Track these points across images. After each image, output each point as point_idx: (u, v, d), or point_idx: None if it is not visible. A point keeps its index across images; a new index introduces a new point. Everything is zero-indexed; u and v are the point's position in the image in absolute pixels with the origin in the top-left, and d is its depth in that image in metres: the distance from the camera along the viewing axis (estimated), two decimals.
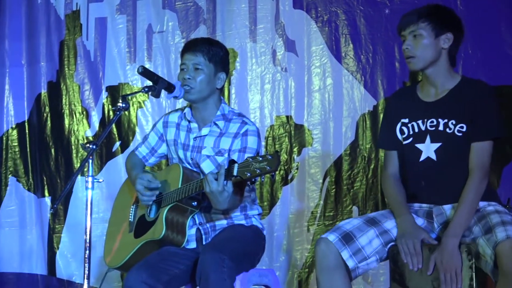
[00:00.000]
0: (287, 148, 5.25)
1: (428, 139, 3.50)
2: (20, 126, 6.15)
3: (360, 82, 5.07)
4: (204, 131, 3.87)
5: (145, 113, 5.75)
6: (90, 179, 3.55)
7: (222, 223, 3.84)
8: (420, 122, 3.53)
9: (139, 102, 5.77)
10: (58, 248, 5.92)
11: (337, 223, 4.91)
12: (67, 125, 5.99)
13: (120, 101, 3.63)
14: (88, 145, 3.51)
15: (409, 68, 3.54)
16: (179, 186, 3.73)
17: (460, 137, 3.43)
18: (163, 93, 3.83)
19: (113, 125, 5.60)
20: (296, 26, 5.28)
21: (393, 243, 3.44)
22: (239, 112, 3.96)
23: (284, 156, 5.24)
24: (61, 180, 5.96)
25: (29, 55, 6.14)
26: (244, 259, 3.71)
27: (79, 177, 5.64)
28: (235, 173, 3.39)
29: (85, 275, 3.51)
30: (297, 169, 5.22)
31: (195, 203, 3.76)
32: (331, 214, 5.09)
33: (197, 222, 3.84)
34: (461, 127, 3.43)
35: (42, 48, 6.09)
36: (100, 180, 3.67)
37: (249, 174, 3.34)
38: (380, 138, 3.79)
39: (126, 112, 5.68)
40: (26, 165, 6.10)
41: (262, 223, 4.00)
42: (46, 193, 6.00)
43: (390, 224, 3.48)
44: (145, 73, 3.78)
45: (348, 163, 5.08)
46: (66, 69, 6.02)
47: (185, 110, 3.96)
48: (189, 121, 3.93)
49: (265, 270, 4.01)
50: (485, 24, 4.73)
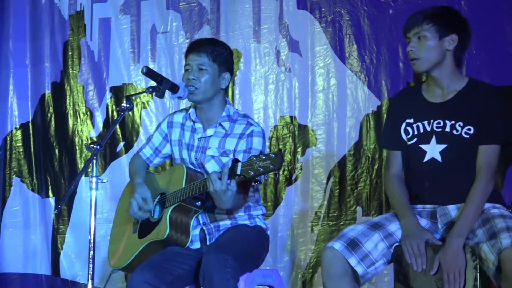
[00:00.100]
0: (291, 149, 5.25)
1: (434, 140, 3.49)
2: (24, 127, 6.15)
3: (364, 83, 5.07)
4: (209, 132, 3.87)
5: (149, 114, 5.75)
6: (94, 180, 3.55)
7: (226, 223, 3.84)
8: (426, 123, 3.52)
9: (143, 103, 5.77)
10: (62, 249, 5.92)
11: (342, 225, 4.99)
12: (71, 126, 6.00)
13: (124, 102, 3.63)
14: (92, 146, 3.51)
15: (414, 70, 3.53)
16: (183, 186, 3.73)
17: (467, 139, 3.42)
18: (167, 94, 3.83)
19: (117, 126, 5.59)
20: (300, 27, 5.28)
21: (398, 244, 3.43)
22: (244, 113, 3.97)
23: (288, 157, 5.23)
24: (65, 181, 5.97)
25: (33, 56, 6.14)
26: (248, 259, 3.71)
27: (83, 178, 5.63)
28: (239, 172, 3.39)
29: (89, 276, 3.52)
30: (301, 170, 5.22)
31: (199, 203, 3.76)
32: (335, 215, 5.08)
33: (201, 222, 3.84)
34: (469, 129, 3.42)
35: (46, 49, 6.09)
36: (104, 181, 3.68)
37: (253, 173, 3.34)
38: (384, 138, 3.78)
39: (130, 113, 5.68)
40: (30, 166, 6.10)
41: (266, 224, 4.00)
42: (50, 194, 6.00)
43: (394, 227, 3.47)
44: (149, 74, 3.78)
45: (352, 164, 5.07)
46: (70, 70, 6.03)
47: (190, 111, 3.96)
48: (194, 122, 3.93)
49: (269, 271, 4.01)
50: (489, 25, 4.72)
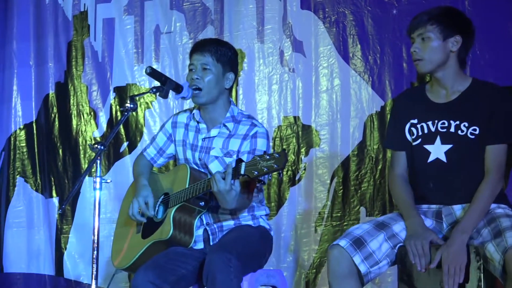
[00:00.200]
0: (295, 149, 5.25)
1: (438, 141, 3.49)
2: (28, 127, 6.17)
3: (368, 83, 5.06)
4: (213, 132, 3.88)
5: (153, 114, 5.76)
6: (98, 180, 3.55)
7: (230, 224, 3.84)
8: (430, 123, 3.51)
9: (147, 103, 5.78)
10: (66, 249, 5.93)
11: (346, 225, 4.99)
12: (75, 126, 6.01)
13: (128, 102, 3.63)
14: (96, 146, 3.52)
15: (417, 71, 3.52)
16: (187, 186, 3.73)
17: (473, 140, 3.42)
18: (171, 94, 3.83)
19: (121, 126, 5.59)
20: (304, 27, 5.28)
21: (402, 244, 3.43)
22: (248, 114, 3.96)
23: (292, 157, 5.23)
24: (69, 181, 5.98)
25: (37, 56, 6.15)
26: (251, 259, 3.71)
27: (87, 178, 5.64)
28: (243, 172, 3.39)
29: (93, 276, 3.52)
30: (305, 170, 5.21)
31: (203, 203, 3.76)
32: (339, 215, 5.08)
33: (205, 223, 3.84)
34: (474, 130, 3.42)
35: (50, 49, 6.11)
36: (108, 181, 3.68)
37: (257, 173, 3.34)
38: (388, 138, 3.77)
39: (134, 113, 5.69)
40: (34, 166, 6.11)
41: (270, 224, 4.00)
42: (54, 194, 6.01)
43: (399, 227, 3.47)
44: (153, 74, 3.78)
45: (356, 164, 5.07)
46: (74, 70, 6.04)
47: (194, 111, 3.96)
48: (198, 122, 3.93)
49: (273, 271, 4.01)
50: (493, 25, 4.71)
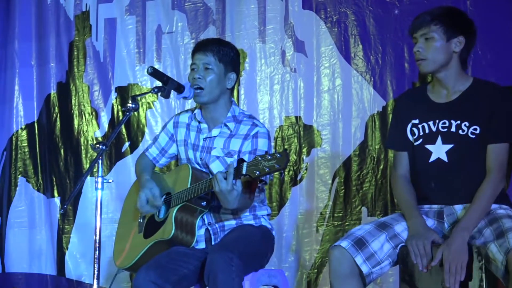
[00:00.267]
0: (296, 149, 5.25)
1: (440, 140, 3.49)
2: (30, 127, 6.17)
3: (369, 83, 5.06)
4: (214, 132, 3.88)
5: (155, 114, 5.76)
6: (100, 180, 3.56)
7: (231, 223, 3.84)
8: (431, 123, 3.51)
9: (148, 103, 5.78)
10: (67, 249, 5.93)
11: (348, 225, 4.99)
12: (77, 126, 6.01)
13: (130, 102, 3.64)
14: (98, 146, 3.52)
15: (420, 70, 3.52)
16: (188, 186, 3.73)
17: (474, 139, 3.42)
18: (173, 94, 3.84)
19: (122, 126, 5.60)
20: (305, 27, 5.28)
21: (403, 244, 3.43)
22: (250, 114, 3.96)
23: (293, 157, 5.23)
24: (71, 181, 5.98)
25: (39, 56, 6.16)
26: (253, 259, 3.71)
27: (88, 178, 5.64)
28: (244, 172, 3.39)
29: (95, 276, 3.52)
30: (306, 170, 5.21)
31: (205, 203, 3.76)
32: (340, 215, 5.08)
33: (206, 222, 3.84)
34: (475, 129, 3.42)
35: (52, 49, 6.11)
36: (110, 181, 3.68)
37: (258, 173, 3.34)
38: (390, 139, 3.77)
39: (136, 113, 5.69)
40: (36, 166, 6.12)
41: (271, 224, 4.00)
42: (56, 194, 6.02)
43: (401, 228, 3.47)
44: (155, 74, 3.78)
45: (357, 164, 5.06)
46: (76, 70, 6.04)
47: (195, 111, 3.97)
48: (199, 122, 3.93)
49: (275, 271, 4.01)
50: (495, 25, 4.71)
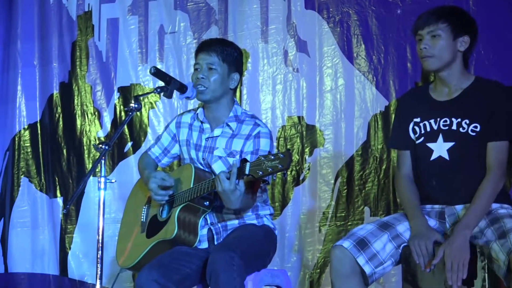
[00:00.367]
0: (299, 149, 5.25)
1: (441, 138, 3.49)
2: (32, 127, 6.18)
3: (372, 83, 5.06)
4: (216, 132, 3.88)
5: (157, 114, 5.76)
6: (103, 180, 3.56)
7: (234, 223, 3.84)
8: (433, 121, 3.52)
9: (151, 103, 5.78)
10: (70, 249, 5.94)
11: (350, 225, 4.99)
12: (79, 126, 6.02)
13: (133, 102, 3.64)
14: (101, 146, 3.52)
15: (424, 67, 3.52)
16: (191, 186, 3.73)
17: (474, 137, 3.42)
18: (175, 94, 3.84)
19: (125, 126, 5.60)
20: (308, 27, 5.28)
21: (406, 244, 3.43)
22: (252, 114, 3.97)
23: (296, 157, 5.23)
24: (73, 181, 5.99)
25: (41, 56, 6.17)
26: (255, 258, 3.71)
27: (91, 178, 5.64)
28: (247, 172, 3.39)
29: (98, 275, 3.53)
30: (309, 170, 5.21)
31: (207, 203, 3.76)
32: (343, 215, 5.08)
33: (209, 222, 3.84)
34: (475, 127, 3.42)
35: (54, 49, 6.12)
36: (113, 181, 3.68)
37: (261, 173, 3.35)
38: (392, 138, 3.78)
39: (138, 113, 5.70)
40: (38, 166, 6.13)
41: (274, 223, 4.00)
42: (58, 194, 6.02)
43: (403, 227, 3.47)
44: (158, 74, 3.79)
45: (360, 164, 5.06)
46: (78, 70, 6.05)
47: (198, 111, 3.97)
48: (202, 122, 3.94)
49: (277, 271, 4.01)
50: (497, 25, 4.71)
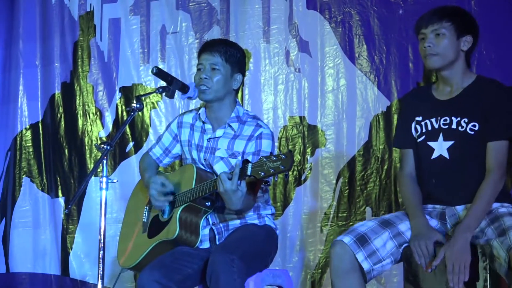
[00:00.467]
0: (301, 149, 5.25)
1: (441, 137, 3.50)
2: (34, 127, 6.18)
3: (374, 83, 5.06)
4: (218, 133, 3.87)
5: (159, 114, 5.76)
6: (105, 180, 3.55)
7: (235, 223, 3.84)
8: (434, 120, 3.53)
9: (153, 103, 5.78)
10: (72, 249, 5.94)
11: (352, 225, 4.98)
12: (81, 126, 6.02)
13: (134, 102, 3.63)
14: (103, 146, 3.51)
15: (427, 65, 3.52)
16: (193, 186, 3.73)
17: (473, 136, 3.42)
18: (177, 94, 3.84)
19: (127, 126, 5.60)
20: (310, 27, 5.28)
21: (407, 244, 3.43)
22: (254, 115, 3.96)
23: (298, 157, 5.23)
24: (75, 181, 5.99)
25: (43, 56, 6.17)
26: (255, 259, 3.71)
27: (93, 178, 5.65)
28: (249, 173, 3.39)
29: (99, 275, 3.52)
30: (310, 170, 5.21)
31: (209, 204, 3.76)
32: (344, 215, 5.08)
33: (211, 222, 3.84)
34: (474, 126, 3.43)
35: (56, 49, 6.12)
36: (115, 181, 3.68)
37: (263, 174, 3.34)
38: (396, 138, 3.79)
39: (140, 113, 5.69)
40: (40, 166, 6.13)
41: (276, 223, 4.00)
42: (60, 194, 6.02)
43: (404, 226, 3.47)
44: (160, 74, 3.78)
45: (362, 164, 5.07)
46: (80, 70, 6.05)
47: (200, 111, 3.96)
48: (204, 122, 3.93)
49: (279, 271, 4.01)
50: (499, 25, 4.71)
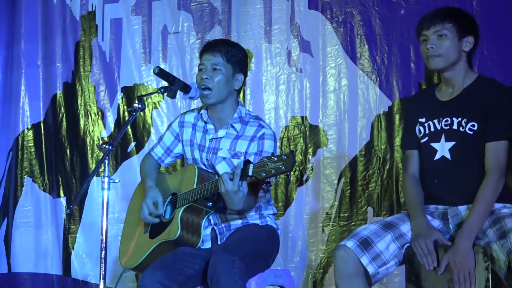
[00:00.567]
0: (302, 149, 5.25)
1: (443, 138, 3.50)
2: (36, 127, 6.18)
3: (375, 83, 5.06)
4: (221, 133, 3.88)
5: (160, 114, 5.76)
6: (106, 180, 3.56)
7: (237, 223, 3.84)
8: (436, 121, 3.53)
9: (154, 103, 5.79)
10: (73, 248, 5.94)
11: (353, 225, 4.99)
12: (83, 126, 6.02)
13: (136, 102, 3.64)
14: (105, 146, 3.52)
15: (430, 67, 3.52)
16: (194, 187, 3.73)
17: (472, 136, 3.42)
18: (179, 94, 3.84)
19: (128, 126, 5.60)
20: (311, 27, 5.28)
21: (409, 244, 3.43)
22: (256, 115, 3.96)
23: (299, 157, 5.23)
24: (76, 181, 5.99)
25: (45, 56, 6.17)
26: (257, 260, 3.71)
27: (94, 178, 5.65)
28: (250, 173, 3.39)
29: (101, 275, 3.53)
30: (312, 170, 5.21)
31: (210, 204, 3.76)
32: (346, 215, 5.08)
33: (212, 223, 3.84)
34: (472, 126, 3.43)
35: (58, 49, 6.12)
36: (117, 181, 3.68)
37: (265, 174, 3.34)
38: (402, 139, 3.81)
39: (141, 113, 5.69)
40: (42, 166, 6.13)
41: (277, 223, 4.00)
42: (61, 194, 6.02)
43: (406, 227, 3.47)
44: (161, 74, 3.79)
45: (363, 164, 5.06)
46: (82, 70, 6.05)
47: (202, 111, 3.96)
48: (206, 122, 3.93)
49: (281, 271, 4.01)
50: (500, 25, 4.71)
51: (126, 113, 5.87)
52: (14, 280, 6.09)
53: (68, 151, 6.03)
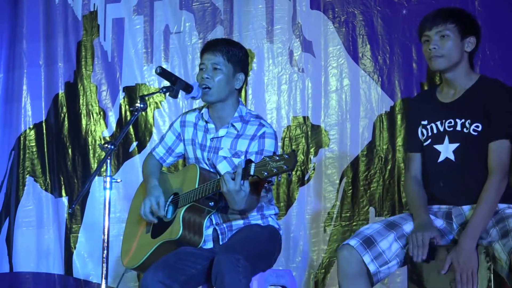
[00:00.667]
0: (304, 149, 5.24)
1: (447, 140, 3.50)
2: (38, 127, 6.18)
3: (377, 83, 5.06)
4: (221, 132, 3.88)
5: (162, 114, 5.76)
6: (108, 179, 3.56)
7: (239, 223, 3.84)
8: (439, 123, 3.53)
9: (156, 103, 5.78)
10: (75, 248, 5.94)
11: (355, 225, 4.99)
12: (84, 126, 6.02)
13: (138, 102, 3.64)
14: (107, 145, 3.52)
15: (432, 67, 3.52)
16: (196, 187, 3.73)
17: (476, 137, 3.43)
18: (181, 94, 3.84)
19: (130, 126, 5.60)
20: (313, 27, 5.27)
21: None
22: (257, 114, 3.96)
23: (301, 157, 5.23)
24: (78, 180, 5.99)
25: (47, 56, 6.17)
26: (260, 259, 3.71)
27: (96, 177, 5.63)
28: (252, 173, 3.39)
29: (103, 275, 3.53)
30: (314, 170, 5.21)
31: (212, 204, 3.76)
32: (348, 215, 5.08)
33: (214, 223, 3.84)
34: (477, 127, 3.43)
35: (60, 49, 6.12)
36: (118, 180, 3.68)
37: (266, 173, 3.34)
38: (406, 142, 3.82)
39: (143, 113, 5.69)
40: (44, 165, 6.13)
41: (279, 223, 4.00)
42: (63, 193, 6.02)
43: (409, 227, 3.47)
44: (163, 74, 3.79)
45: (365, 164, 5.06)
46: (84, 70, 6.05)
47: (203, 111, 3.97)
48: (207, 122, 3.93)
49: (282, 271, 4.01)
50: (502, 25, 4.71)
51: (128, 113, 5.87)
52: (16, 280, 6.09)
53: (70, 151, 6.03)
